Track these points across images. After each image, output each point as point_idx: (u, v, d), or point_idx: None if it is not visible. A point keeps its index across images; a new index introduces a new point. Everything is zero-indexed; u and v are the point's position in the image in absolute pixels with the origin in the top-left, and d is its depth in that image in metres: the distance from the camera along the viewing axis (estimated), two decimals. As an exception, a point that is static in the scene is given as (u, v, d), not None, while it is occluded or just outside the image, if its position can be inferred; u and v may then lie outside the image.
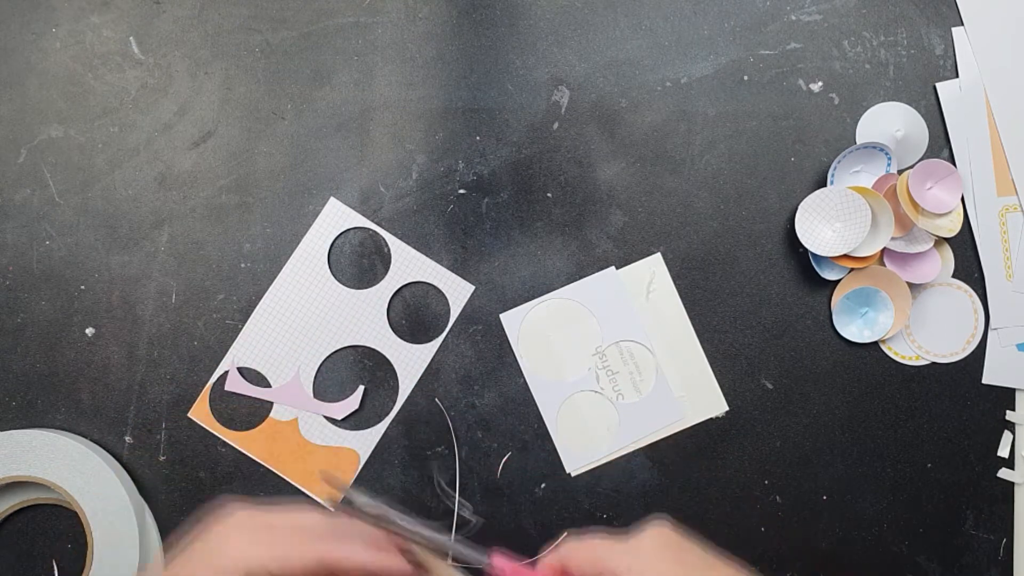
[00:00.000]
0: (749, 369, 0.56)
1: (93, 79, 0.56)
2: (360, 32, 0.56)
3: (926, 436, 0.56)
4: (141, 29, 0.56)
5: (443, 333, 0.56)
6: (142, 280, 0.55)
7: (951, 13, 0.57)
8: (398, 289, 0.56)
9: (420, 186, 0.56)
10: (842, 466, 0.56)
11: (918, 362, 0.56)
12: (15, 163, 0.55)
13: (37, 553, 0.55)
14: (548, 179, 0.56)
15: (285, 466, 0.55)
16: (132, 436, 0.55)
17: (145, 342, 0.55)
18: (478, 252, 0.56)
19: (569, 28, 0.57)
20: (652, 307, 0.56)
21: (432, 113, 0.56)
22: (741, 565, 0.41)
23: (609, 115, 0.56)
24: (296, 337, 0.55)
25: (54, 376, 0.55)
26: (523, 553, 0.56)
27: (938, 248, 0.56)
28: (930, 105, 0.57)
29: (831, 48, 0.57)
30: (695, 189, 0.56)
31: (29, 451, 0.52)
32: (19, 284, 0.55)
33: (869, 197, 0.54)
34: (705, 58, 0.57)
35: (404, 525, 0.40)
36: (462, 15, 0.57)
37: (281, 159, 0.56)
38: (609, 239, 0.56)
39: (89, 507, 0.52)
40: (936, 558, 0.56)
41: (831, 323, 0.56)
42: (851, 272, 0.56)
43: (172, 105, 0.56)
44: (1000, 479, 0.56)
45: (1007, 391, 0.56)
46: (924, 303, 0.56)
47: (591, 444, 0.56)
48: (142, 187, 0.55)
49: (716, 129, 0.57)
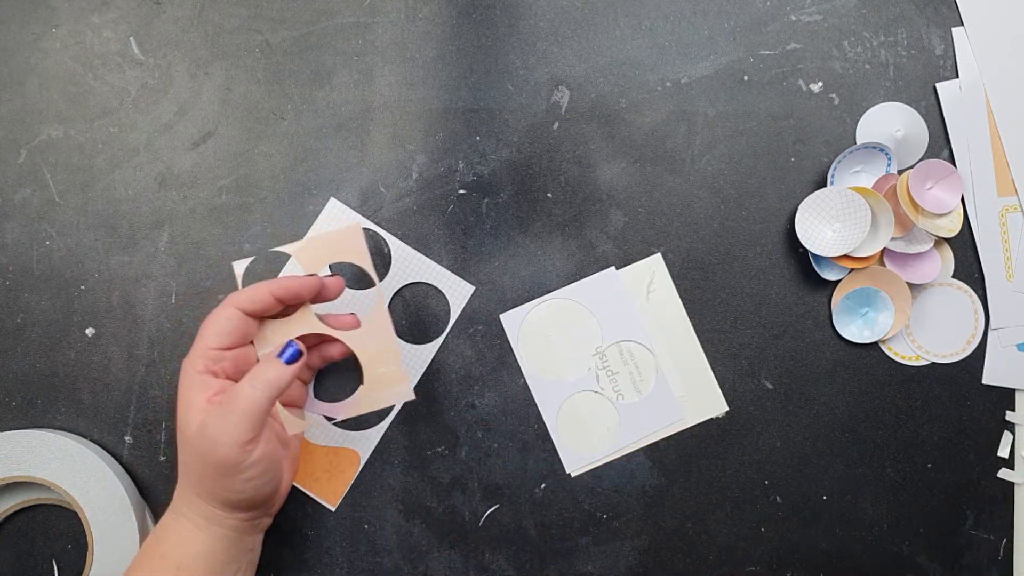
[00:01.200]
0: (749, 369, 0.56)
1: (93, 79, 0.56)
2: (360, 32, 0.56)
3: (926, 436, 0.56)
4: (141, 29, 0.56)
5: (443, 333, 0.56)
6: (142, 280, 0.55)
7: (951, 13, 0.57)
8: (398, 289, 0.56)
9: (420, 186, 0.56)
10: (842, 466, 0.56)
11: (918, 362, 0.56)
12: (15, 163, 0.55)
13: (37, 553, 0.55)
14: (548, 179, 0.56)
15: (285, 466, 0.55)
16: (132, 436, 0.55)
17: (145, 342, 0.55)
18: (478, 252, 0.56)
19: (569, 28, 0.57)
20: (652, 307, 0.56)
21: (432, 113, 0.56)
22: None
23: (609, 115, 0.56)
24: (296, 337, 0.55)
25: (54, 376, 0.55)
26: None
27: (938, 248, 0.56)
28: (930, 105, 0.57)
29: (831, 48, 0.57)
30: (695, 189, 0.56)
31: (29, 451, 0.52)
32: (19, 284, 0.55)
33: (869, 197, 0.54)
34: (705, 58, 0.57)
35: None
36: (462, 15, 0.57)
37: (281, 159, 0.56)
38: (609, 239, 0.56)
39: (89, 507, 0.52)
40: (936, 558, 0.56)
41: (831, 323, 0.56)
42: (851, 272, 0.56)
43: (172, 105, 0.56)
44: (1000, 479, 0.56)
45: (1007, 391, 0.56)
46: (924, 303, 0.56)
47: (591, 444, 0.56)
48: (142, 187, 0.55)
49: (716, 129, 0.57)
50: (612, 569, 0.55)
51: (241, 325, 0.46)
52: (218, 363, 0.46)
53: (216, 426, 0.43)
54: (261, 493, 0.46)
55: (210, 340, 0.46)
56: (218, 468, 0.44)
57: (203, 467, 0.44)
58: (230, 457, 0.43)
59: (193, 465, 0.45)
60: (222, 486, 0.44)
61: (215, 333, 0.46)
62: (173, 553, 0.45)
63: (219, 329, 0.46)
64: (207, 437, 0.44)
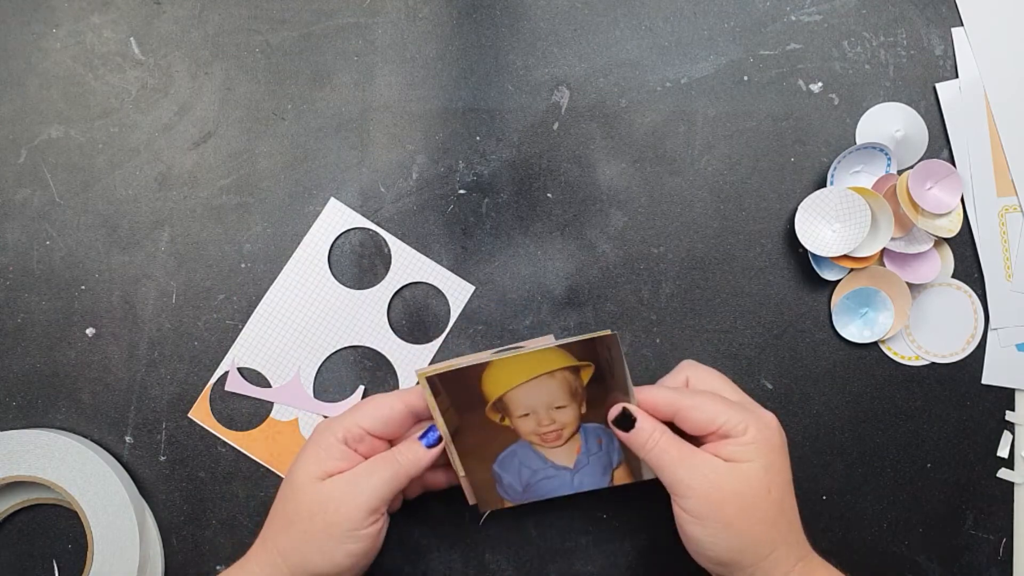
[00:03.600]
0: (749, 369, 0.56)
1: (93, 79, 0.56)
2: (360, 32, 0.56)
3: (926, 436, 0.56)
4: (141, 29, 0.56)
5: (443, 333, 0.56)
6: (142, 280, 0.55)
7: (951, 13, 0.57)
8: (398, 289, 0.56)
9: (420, 186, 0.56)
10: (842, 466, 0.56)
11: (918, 362, 0.56)
12: (15, 163, 0.55)
13: (37, 553, 0.55)
14: (548, 179, 0.56)
15: (285, 466, 0.55)
16: (132, 436, 0.55)
17: (145, 342, 0.55)
18: (478, 252, 0.56)
19: (569, 28, 0.57)
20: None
21: (432, 113, 0.56)
22: None
23: (609, 115, 0.56)
24: (296, 337, 0.55)
25: (54, 376, 0.55)
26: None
27: (938, 248, 0.56)
28: (930, 105, 0.57)
29: (831, 48, 0.57)
30: (695, 189, 0.57)
31: (29, 451, 0.52)
32: (19, 284, 0.55)
33: (869, 197, 0.54)
34: (705, 58, 0.57)
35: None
36: (462, 15, 0.57)
37: (281, 159, 0.56)
38: (609, 239, 0.56)
39: (89, 507, 0.52)
40: (936, 558, 0.56)
41: (831, 323, 0.56)
42: (851, 272, 0.56)
43: (172, 105, 0.56)
44: (1000, 479, 0.56)
45: (1007, 391, 0.56)
46: (924, 303, 0.56)
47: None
48: (142, 187, 0.55)
49: (716, 129, 0.57)
50: (612, 569, 0.55)
51: (400, 420, 0.46)
52: (358, 442, 0.45)
53: (348, 487, 0.43)
54: (348, 572, 0.44)
55: (364, 419, 0.45)
56: (330, 529, 0.43)
57: (310, 524, 0.43)
58: (352, 520, 0.43)
59: (297, 521, 0.44)
60: (321, 550, 0.43)
61: (373, 415, 0.45)
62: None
63: (379, 413, 0.46)
64: (331, 496, 0.43)
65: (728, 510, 0.42)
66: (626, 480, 0.50)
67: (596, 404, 0.47)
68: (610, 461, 0.49)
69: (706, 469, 0.43)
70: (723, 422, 0.43)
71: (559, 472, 0.49)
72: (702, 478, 0.42)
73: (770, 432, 0.44)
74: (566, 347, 0.45)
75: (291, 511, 0.44)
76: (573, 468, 0.49)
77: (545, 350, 0.45)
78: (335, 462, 0.45)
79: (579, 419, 0.48)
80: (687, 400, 0.44)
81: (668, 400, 0.44)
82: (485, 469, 0.48)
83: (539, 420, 0.47)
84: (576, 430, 0.48)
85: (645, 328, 0.56)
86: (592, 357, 0.45)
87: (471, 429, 0.47)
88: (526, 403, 0.46)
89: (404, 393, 0.47)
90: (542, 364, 0.45)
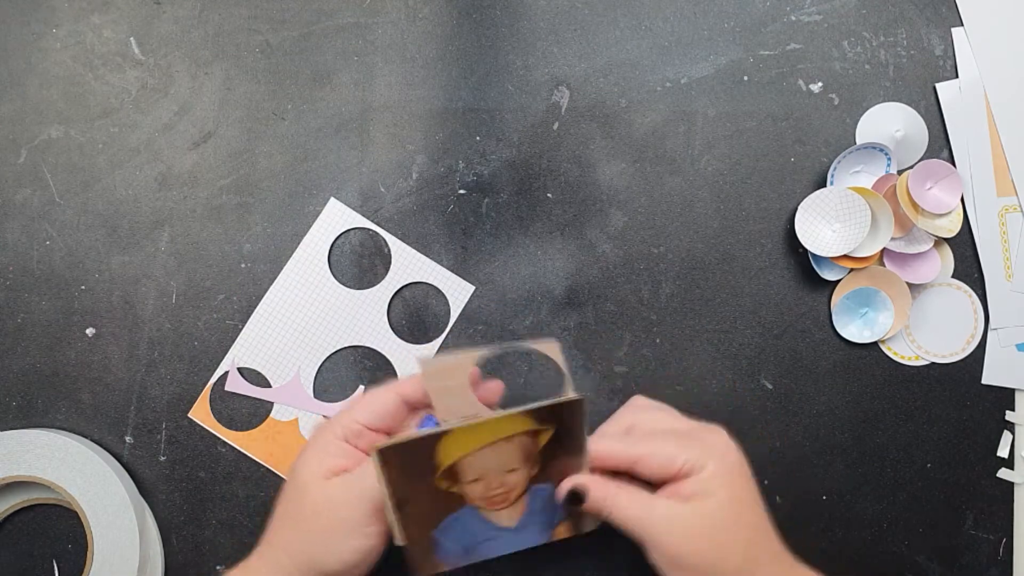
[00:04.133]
0: (749, 369, 0.56)
1: (93, 79, 0.56)
2: (360, 32, 0.56)
3: (926, 436, 0.56)
4: (141, 29, 0.56)
5: (443, 333, 0.56)
6: (142, 280, 0.55)
7: (951, 13, 0.57)
8: (398, 289, 0.56)
9: (420, 186, 0.56)
10: (842, 466, 0.56)
11: (918, 362, 0.57)
12: (15, 163, 0.55)
13: (37, 553, 0.55)
14: (548, 179, 0.56)
15: (285, 466, 0.55)
16: (132, 436, 0.55)
17: (145, 342, 0.55)
18: (478, 252, 0.56)
19: (569, 28, 0.57)
20: (652, 307, 0.56)
21: (432, 113, 0.56)
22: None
23: (609, 115, 0.56)
24: (296, 337, 0.55)
25: (54, 376, 0.55)
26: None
27: (938, 248, 0.56)
28: (930, 105, 0.57)
29: (831, 48, 0.57)
30: (695, 189, 0.57)
31: (29, 451, 0.52)
32: (19, 284, 0.55)
33: (869, 197, 0.54)
34: (705, 58, 0.57)
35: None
36: (462, 15, 0.57)
37: (281, 159, 0.56)
38: (609, 239, 0.56)
39: (89, 507, 0.52)
40: (936, 558, 0.56)
41: (831, 323, 0.56)
42: (851, 272, 0.56)
43: (172, 105, 0.56)
44: (1000, 479, 0.56)
45: (1007, 391, 0.56)
46: (924, 303, 0.56)
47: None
48: (142, 187, 0.55)
49: (716, 129, 0.57)
50: (612, 569, 0.55)
51: (395, 412, 0.46)
52: (358, 438, 0.45)
53: (354, 484, 0.43)
54: (356, 569, 0.44)
55: (360, 414, 0.45)
56: (338, 526, 0.43)
57: (317, 522, 0.43)
58: (359, 516, 0.42)
59: (303, 520, 0.43)
60: (329, 547, 0.43)
61: (368, 410, 0.45)
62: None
63: (374, 408, 0.45)
64: (337, 493, 0.43)
65: (703, 553, 0.42)
66: (567, 535, 0.48)
67: (546, 463, 0.45)
68: (552, 520, 0.47)
69: (672, 519, 0.42)
70: (683, 462, 0.43)
71: (501, 533, 0.46)
72: (670, 530, 0.42)
73: (728, 457, 0.44)
74: (530, 412, 0.42)
75: (296, 510, 0.44)
76: (515, 528, 0.46)
77: (506, 416, 0.42)
78: (338, 460, 0.44)
79: (528, 480, 0.45)
80: (642, 449, 0.43)
81: (623, 455, 0.44)
82: (426, 536, 0.45)
83: (489, 484, 0.44)
84: (524, 492, 0.45)
85: (645, 328, 0.56)
86: (555, 421, 0.43)
87: (418, 497, 0.43)
88: (479, 468, 0.44)
89: (397, 384, 0.46)
90: (502, 429, 0.43)
